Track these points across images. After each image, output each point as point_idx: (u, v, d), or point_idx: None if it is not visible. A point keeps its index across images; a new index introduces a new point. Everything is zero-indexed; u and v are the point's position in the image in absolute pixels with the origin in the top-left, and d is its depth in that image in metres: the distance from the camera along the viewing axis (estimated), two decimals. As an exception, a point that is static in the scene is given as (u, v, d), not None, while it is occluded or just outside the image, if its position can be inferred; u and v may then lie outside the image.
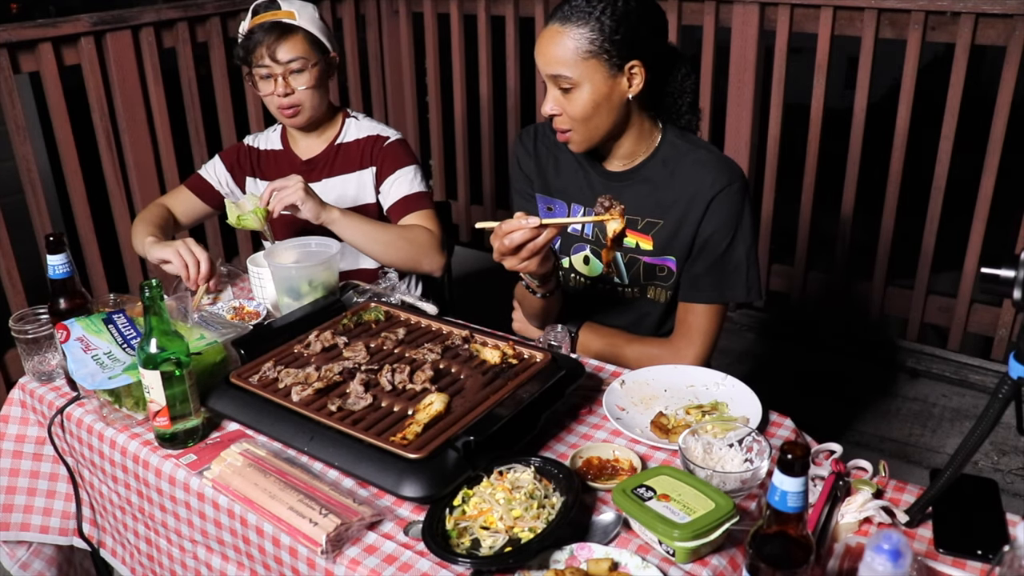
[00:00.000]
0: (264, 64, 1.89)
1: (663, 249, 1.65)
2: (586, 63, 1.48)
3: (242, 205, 1.81)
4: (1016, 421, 1.06)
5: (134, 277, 2.96)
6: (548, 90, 1.55)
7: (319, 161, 2.06)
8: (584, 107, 1.52)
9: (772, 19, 2.89)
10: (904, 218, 2.91)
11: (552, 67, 1.50)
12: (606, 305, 1.76)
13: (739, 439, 1.25)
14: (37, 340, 1.55)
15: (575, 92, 1.51)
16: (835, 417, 2.77)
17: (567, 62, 1.49)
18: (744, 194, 1.59)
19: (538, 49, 1.53)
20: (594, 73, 1.49)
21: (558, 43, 1.49)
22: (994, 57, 2.68)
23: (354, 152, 2.05)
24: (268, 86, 1.92)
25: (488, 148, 3.73)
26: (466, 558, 1.07)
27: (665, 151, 1.63)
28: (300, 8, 1.92)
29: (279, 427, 1.32)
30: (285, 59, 1.88)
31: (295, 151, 2.09)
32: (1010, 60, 2.53)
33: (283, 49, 1.87)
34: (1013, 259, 0.99)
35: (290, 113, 1.94)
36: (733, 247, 1.60)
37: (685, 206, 1.60)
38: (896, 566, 0.89)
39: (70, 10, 3.33)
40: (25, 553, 1.66)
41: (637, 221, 1.65)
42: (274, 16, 1.89)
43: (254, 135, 2.18)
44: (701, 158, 1.60)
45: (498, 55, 3.55)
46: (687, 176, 1.60)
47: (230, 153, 2.15)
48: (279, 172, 2.06)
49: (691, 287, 1.65)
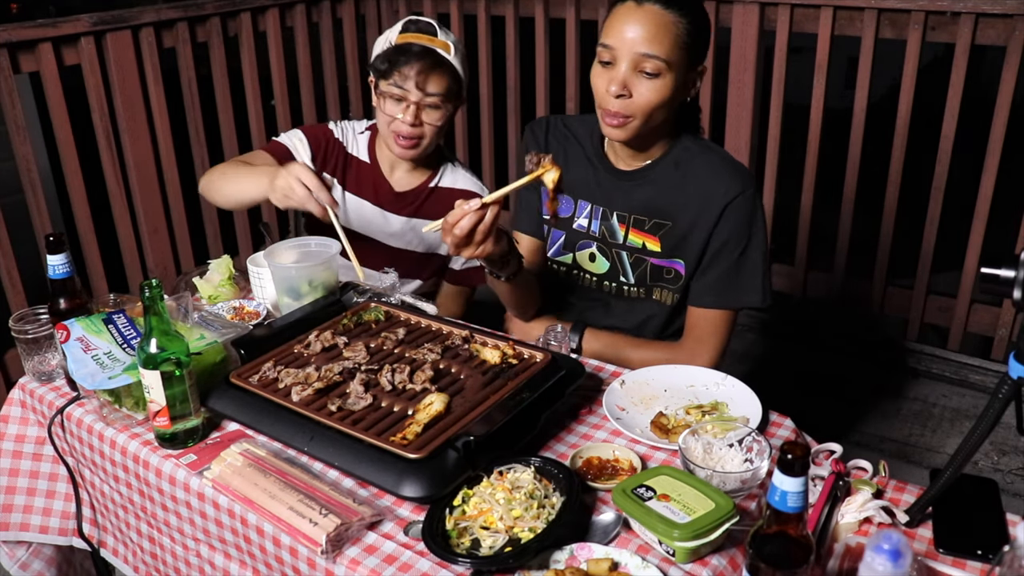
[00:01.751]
0: (404, 87, 1.80)
1: (672, 251, 1.64)
2: (681, 52, 1.47)
3: (211, 278, 1.81)
4: (1016, 421, 1.06)
5: (134, 277, 2.97)
6: (615, 70, 1.48)
7: (410, 196, 1.99)
8: (662, 95, 1.48)
9: (772, 19, 2.89)
10: (904, 218, 2.91)
11: (646, 46, 1.45)
12: (611, 303, 1.76)
13: (739, 439, 1.25)
14: (37, 340, 1.55)
15: (659, 79, 1.47)
16: (835, 417, 2.76)
17: (666, 46, 1.45)
18: (757, 200, 1.59)
19: (625, 26, 1.46)
20: (680, 64, 1.48)
21: (660, 24, 1.45)
22: (994, 57, 2.68)
23: (447, 200, 1.93)
24: (396, 108, 1.83)
25: (488, 148, 3.73)
26: (466, 558, 1.07)
27: (676, 153, 1.62)
28: (455, 44, 1.85)
29: (279, 427, 1.32)
30: (430, 91, 1.81)
31: (386, 176, 2.00)
32: (1010, 60, 2.53)
33: (432, 81, 1.80)
34: (1013, 259, 0.99)
35: (407, 144, 1.86)
36: (747, 253, 1.60)
37: (697, 210, 1.59)
38: (896, 566, 0.89)
39: (70, 10, 3.33)
40: (24, 553, 1.66)
41: (644, 221, 1.64)
42: (430, 42, 1.81)
43: (339, 126, 2.03)
44: (713, 162, 1.59)
45: (498, 55, 3.55)
46: (699, 180, 1.59)
47: (317, 135, 2.00)
48: (361, 187, 2.00)
49: (705, 292, 1.64)
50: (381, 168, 2.01)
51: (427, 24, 1.86)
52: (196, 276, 1.85)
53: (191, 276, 1.86)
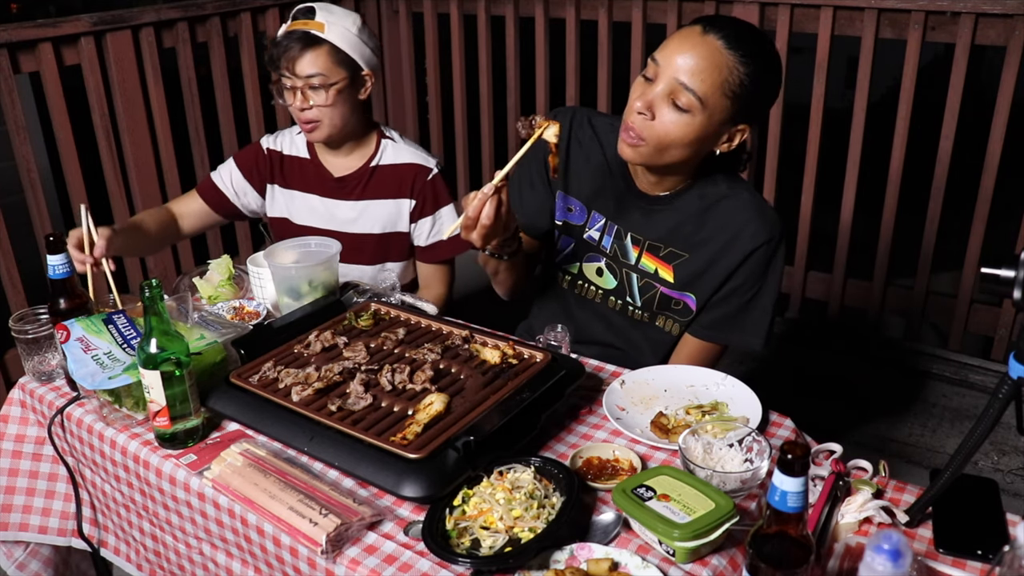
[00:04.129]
0: (285, 74, 1.84)
1: (685, 285, 1.60)
2: (724, 100, 1.37)
3: (211, 278, 1.81)
4: (1016, 421, 1.06)
5: (134, 277, 2.96)
6: (651, 88, 1.39)
7: (352, 180, 2.00)
8: (682, 134, 1.39)
9: (772, 19, 2.89)
10: (904, 218, 2.91)
11: (688, 76, 1.35)
12: (613, 320, 1.72)
13: (739, 439, 1.25)
14: (37, 340, 1.55)
15: (687, 116, 1.37)
16: (835, 417, 2.76)
17: (709, 85, 1.35)
18: (781, 248, 1.54)
19: (680, 48, 1.36)
20: (716, 112, 1.38)
21: (713, 61, 1.35)
22: (994, 57, 2.68)
23: (391, 177, 1.99)
24: (291, 97, 1.87)
25: (488, 148, 3.73)
26: (466, 558, 1.07)
27: (703, 185, 1.55)
28: (334, 20, 1.85)
29: (279, 427, 1.32)
30: (304, 73, 1.82)
31: (325, 165, 2.03)
32: (1010, 60, 2.53)
33: (303, 62, 1.82)
34: (1013, 259, 0.99)
35: (308, 128, 1.89)
36: (758, 298, 1.58)
37: (719, 249, 1.54)
38: (896, 566, 0.89)
39: (70, 10, 3.33)
40: (22, 553, 1.66)
41: (660, 248, 1.60)
42: (305, 25, 1.83)
43: (274, 136, 2.09)
44: (745, 203, 1.52)
45: (498, 55, 3.55)
46: (725, 218, 1.53)
47: (247, 157, 2.07)
48: (306, 183, 2.02)
49: (706, 326, 1.62)
50: (320, 159, 2.03)
51: (305, 9, 1.87)
52: (196, 276, 1.85)
53: (191, 276, 1.86)
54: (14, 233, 2.59)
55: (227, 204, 2.07)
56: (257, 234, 3.35)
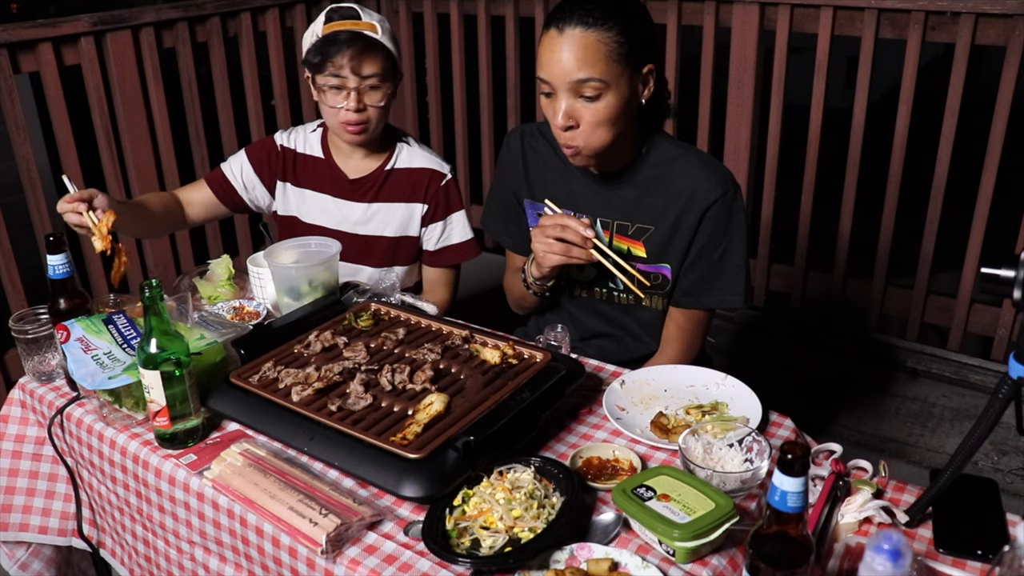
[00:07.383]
0: (341, 75, 1.81)
1: (658, 256, 1.63)
2: (616, 66, 1.43)
3: (211, 279, 1.81)
4: (1016, 421, 1.06)
5: (134, 277, 2.96)
6: (557, 101, 1.46)
7: (367, 183, 1.99)
8: (610, 113, 1.45)
9: (772, 19, 2.89)
10: (904, 218, 2.91)
11: (579, 72, 1.42)
12: (602, 310, 1.76)
13: (739, 439, 1.25)
14: (37, 340, 1.55)
15: (602, 98, 1.44)
16: (835, 417, 2.77)
17: (598, 66, 1.42)
18: (737, 201, 1.58)
19: (552, 57, 1.43)
20: (620, 77, 1.44)
21: (585, 47, 1.41)
22: (994, 57, 2.68)
23: (405, 182, 1.99)
24: (337, 98, 1.83)
25: (488, 148, 3.73)
26: (466, 558, 1.07)
27: (653, 156, 1.60)
28: (380, 22, 1.85)
29: (279, 427, 1.32)
30: (365, 73, 1.81)
31: (340, 166, 2.01)
32: (1010, 60, 2.53)
33: (366, 65, 1.80)
34: (1013, 259, 0.99)
35: (357, 130, 1.87)
36: (727, 255, 1.60)
37: (678, 214, 1.58)
38: (896, 566, 0.89)
39: (70, 10, 3.33)
40: (24, 553, 1.66)
41: (628, 227, 1.63)
42: (355, 26, 1.81)
43: (287, 133, 2.07)
44: (693, 164, 1.58)
45: (498, 55, 3.55)
46: (678, 182, 1.58)
47: (259, 151, 2.05)
48: (319, 182, 2.02)
49: (683, 293, 1.65)
50: (336, 160, 2.02)
51: (349, 9, 1.86)
52: (196, 276, 1.85)
53: (191, 276, 1.86)
54: (14, 233, 2.59)
55: (234, 196, 2.05)
56: (257, 234, 3.35)
